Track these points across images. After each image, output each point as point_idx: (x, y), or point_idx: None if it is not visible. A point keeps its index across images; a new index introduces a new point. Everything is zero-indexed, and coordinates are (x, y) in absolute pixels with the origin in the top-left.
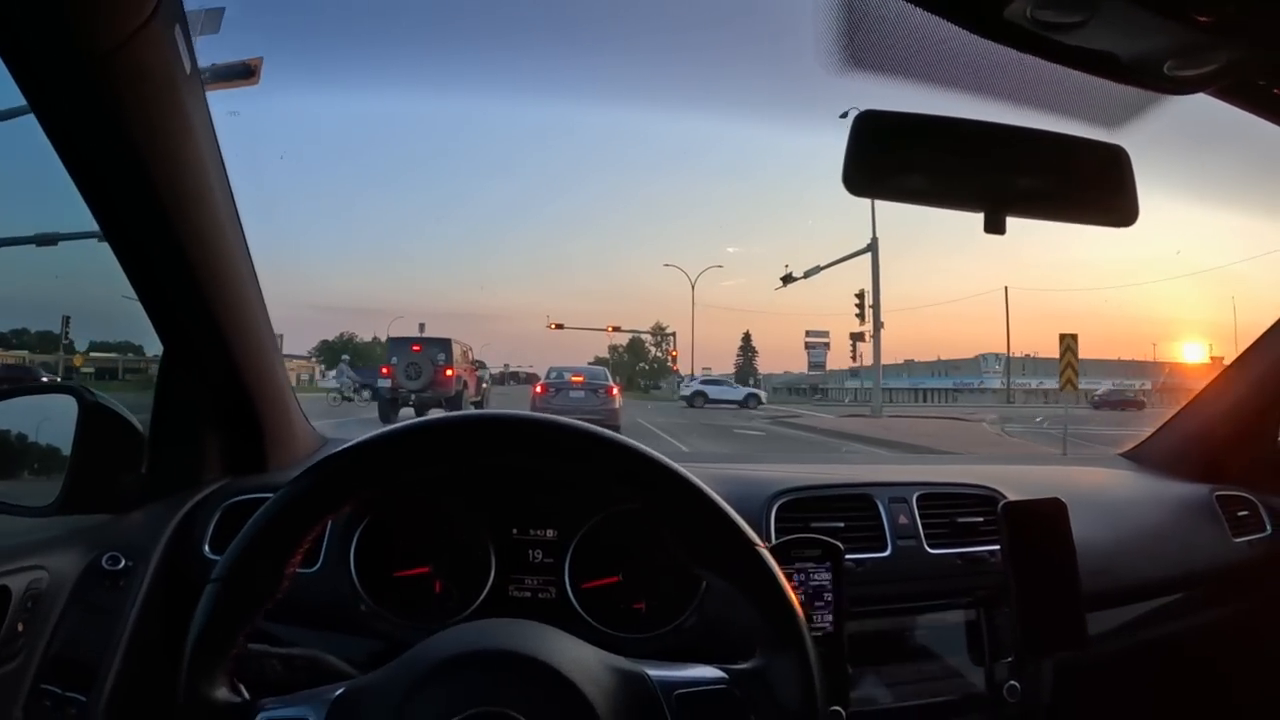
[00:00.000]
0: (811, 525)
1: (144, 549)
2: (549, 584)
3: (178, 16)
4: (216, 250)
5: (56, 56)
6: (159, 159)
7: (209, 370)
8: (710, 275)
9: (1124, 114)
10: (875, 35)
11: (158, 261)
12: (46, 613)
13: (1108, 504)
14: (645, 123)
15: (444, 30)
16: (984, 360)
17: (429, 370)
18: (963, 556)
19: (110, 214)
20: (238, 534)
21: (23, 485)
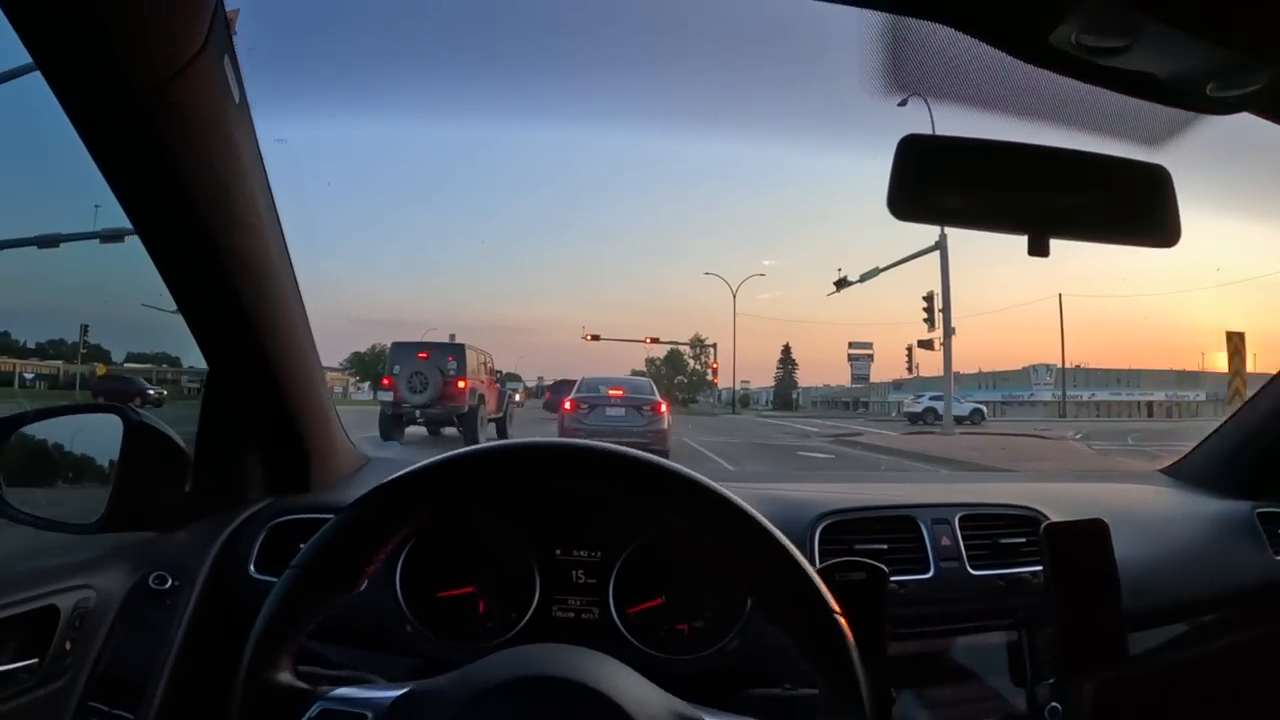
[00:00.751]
0: (855, 547)
1: (190, 569)
2: (592, 605)
3: (226, 48)
4: (263, 275)
5: (108, 90)
6: (208, 188)
7: (254, 391)
8: (748, 288)
9: (1165, 133)
10: (918, 60)
11: (206, 286)
12: (94, 631)
13: (1147, 522)
14: (683, 137)
15: (481, 53)
16: (1034, 371)
17: (436, 381)
18: (1005, 578)
19: (159, 240)
20: (319, 531)
21: (69, 503)
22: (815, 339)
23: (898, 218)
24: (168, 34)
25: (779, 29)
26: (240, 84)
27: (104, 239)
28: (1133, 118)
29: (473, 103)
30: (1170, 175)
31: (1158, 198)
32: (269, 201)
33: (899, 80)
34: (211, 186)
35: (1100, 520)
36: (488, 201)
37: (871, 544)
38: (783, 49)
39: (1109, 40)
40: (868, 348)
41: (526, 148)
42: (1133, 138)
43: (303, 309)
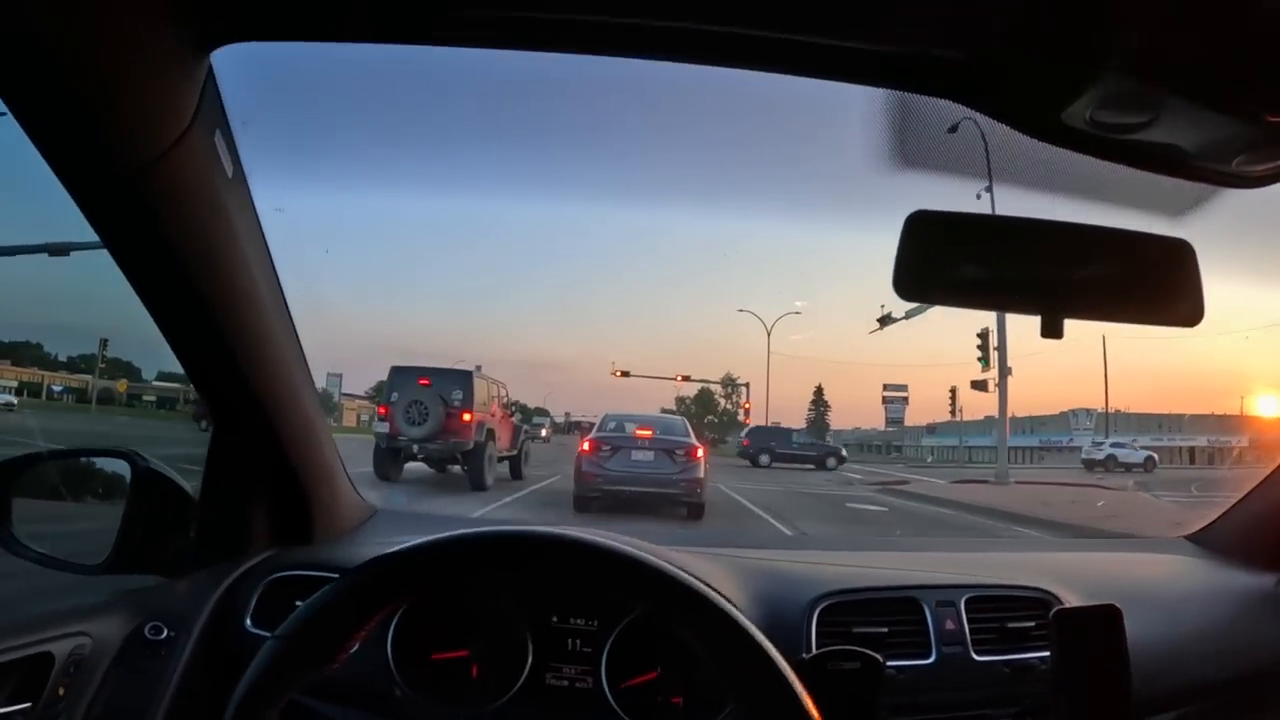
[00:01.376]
0: (854, 630)
1: (186, 620)
2: (586, 674)
3: (218, 123)
4: (263, 339)
5: (95, 171)
6: (203, 260)
7: (258, 445)
8: (780, 329)
9: (1189, 205)
10: (927, 137)
11: (204, 349)
12: (88, 679)
13: (1167, 599)
14: (715, 200)
15: (525, 107)
16: (1074, 416)
17: (438, 412)
18: (1011, 664)
19: (161, 307)
20: (306, 601)
21: (75, 543)
22: (847, 381)
23: (903, 297)
24: (153, 115)
25: (798, 105)
26: (234, 157)
27: (53, 253)
28: (1154, 190)
29: (502, 158)
30: (1194, 250)
31: (1180, 274)
32: (267, 268)
33: (909, 158)
34: (205, 258)
35: (1114, 606)
36: (521, 239)
37: (871, 627)
38: (799, 123)
39: (1126, 117)
40: (903, 390)
41: (560, 195)
42: (1154, 210)
43: (306, 368)
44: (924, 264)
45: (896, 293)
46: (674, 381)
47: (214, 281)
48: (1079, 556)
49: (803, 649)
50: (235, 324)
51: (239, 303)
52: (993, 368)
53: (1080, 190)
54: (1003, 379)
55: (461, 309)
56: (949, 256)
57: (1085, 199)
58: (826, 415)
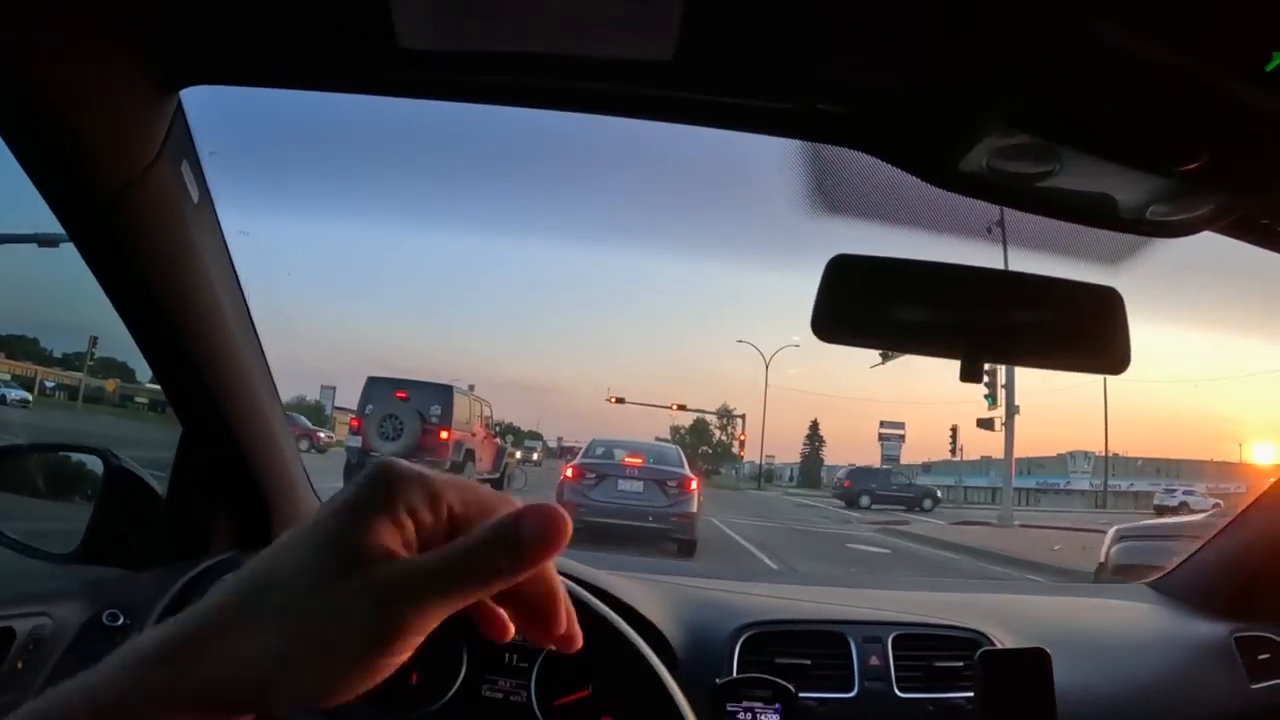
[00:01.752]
0: (776, 661)
1: (143, 611)
2: (521, 688)
3: (185, 152)
4: (228, 353)
5: (69, 197)
6: (170, 278)
7: (222, 450)
8: (776, 363)
9: (1119, 254)
10: (844, 184)
11: (176, 361)
12: (46, 657)
13: (1112, 646)
14: (702, 233)
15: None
16: (1071, 459)
17: (414, 428)
18: (935, 703)
19: (134, 322)
20: None
21: (48, 532)
22: (843, 416)
23: (822, 339)
24: (122, 145)
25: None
26: (202, 185)
27: (41, 244)
28: (1080, 239)
29: (495, 198)
30: (1121, 299)
31: (1107, 321)
32: (232, 287)
33: (830, 204)
34: (172, 277)
35: (1041, 650)
36: (525, 267)
37: (794, 659)
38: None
39: (1026, 167)
40: (899, 428)
41: (560, 226)
42: (1083, 258)
43: (270, 380)
44: (845, 307)
45: (816, 334)
46: (669, 410)
47: (181, 298)
48: (1028, 599)
49: (723, 676)
50: (200, 337)
51: (204, 318)
52: (1000, 405)
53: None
54: (1009, 418)
55: (461, 330)
56: (869, 299)
57: (1011, 246)
58: (821, 450)
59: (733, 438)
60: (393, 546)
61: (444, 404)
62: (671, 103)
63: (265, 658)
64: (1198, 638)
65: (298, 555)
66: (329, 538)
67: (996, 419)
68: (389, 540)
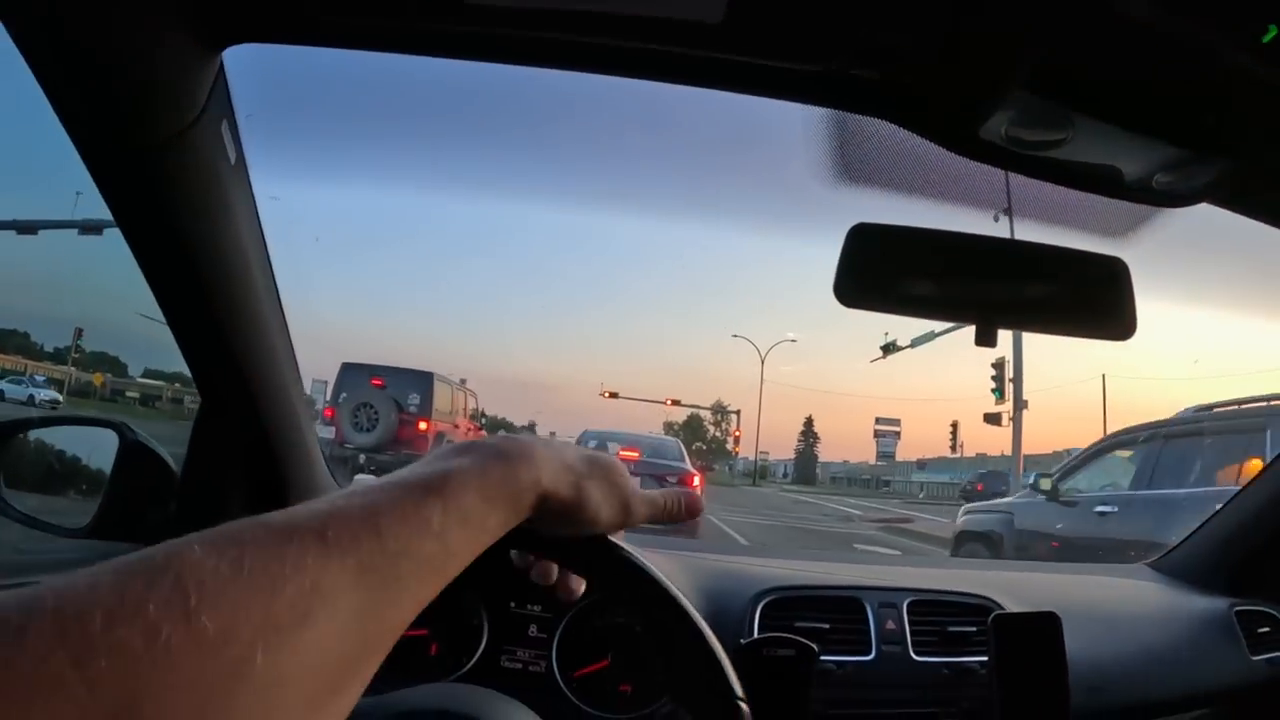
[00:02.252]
0: (795, 625)
1: None
2: (540, 658)
3: (225, 115)
4: (255, 322)
5: (109, 150)
6: (204, 242)
7: (241, 425)
8: (771, 359)
9: (1124, 225)
10: (864, 152)
11: (203, 331)
12: None
13: (1116, 617)
14: (706, 223)
15: (523, 132)
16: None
17: (390, 419)
18: (950, 666)
19: (161, 286)
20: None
21: (61, 507)
22: (838, 413)
23: (844, 304)
24: (166, 102)
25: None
26: (238, 147)
27: (83, 230)
28: (1088, 209)
29: (504, 176)
30: (1128, 268)
31: (1114, 291)
32: (262, 254)
33: (850, 173)
34: (207, 240)
35: (1053, 614)
36: (519, 258)
37: (813, 623)
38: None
39: (1041, 134)
40: (895, 424)
41: (557, 212)
42: (1090, 229)
43: (293, 355)
44: (865, 274)
45: (839, 299)
46: (663, 405)
47: (211, 259)
48: (1034, 575)
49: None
50: (229, 303)
51: (233, 282)
52: (1008, 400)
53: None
54: (1018, 412)
55: (455, 324)
56: (888, 267)
57: (1022, 217)
58: (815, 447)
59: (727, 434)
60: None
61: (423, 392)
62: (715, 66)
63: (570, 475)
64: (1199, 612)
65: (569, 451)
66: (591, 454)
67: (1004, 414)
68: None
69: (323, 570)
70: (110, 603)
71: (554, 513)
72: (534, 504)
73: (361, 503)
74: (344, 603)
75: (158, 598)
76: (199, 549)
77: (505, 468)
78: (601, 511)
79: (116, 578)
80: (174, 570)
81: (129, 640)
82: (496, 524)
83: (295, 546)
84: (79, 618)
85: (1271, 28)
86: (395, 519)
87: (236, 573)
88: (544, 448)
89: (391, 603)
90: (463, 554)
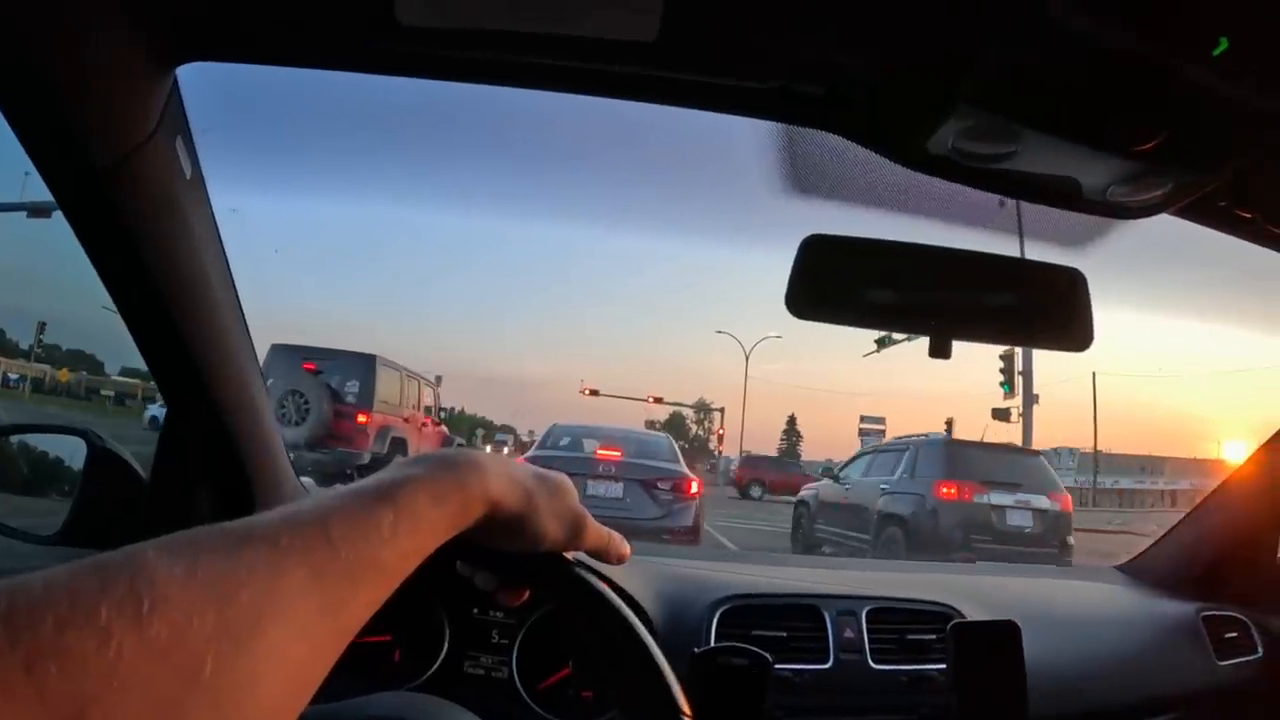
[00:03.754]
0: (753, 633)
1: None
2: (502, 664)
3: (180, 129)
4: (216, 331)
5: (66, 167)
6: (161, 253)
7: (208, 431)
8: (755, 359)
9: (1084, 235)
10: (818, 166)
11: (166, 341)
12: None
13: (1080, 622)
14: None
15: (495, 136)
16: (1055, 455)
17: (323, 410)
18: (908, 674)
19: (122, 298)
20: None
21: (29, 515)
22: (822, 411)
23: (796, 316)
24: (119, 120)
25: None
26: (194, 161)
27: (32, 213)
28: (1046, 220)
29: (476, 185)
30: (1085, 279)
31: (1071, 302)
32: (220, 265)
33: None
34: (163, 254)
35: (1012, 622)
36: (499, 257)
37: (771, 631)
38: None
39: (988, 148)
40: (879, 422)
41: (537, 215)
42: (1049, 239)
43: (256, 360)
44: (818, 285)
45: (790, 311)
46: (645, 402)
47: (170, 274)
48: (997, 579)
49: (701, 647)
50: (190, 314)
51: (193, 293)
52: (1016, 394)
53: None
54: (1027, 408)
55: (434, 324)
56: (842, 278)
57: (980, 228)
58: (799, 445)
59: (709, 432)
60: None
61: (364, 380)
62: (654, 83)
63: (519, 488)
64: (1166, 617)
65: (519, 467)
66: (541, 472)
67: (1014, 409)
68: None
69: (276, 576)
70: (63, 606)
71: (501, 525)
72: (482, 513)
73: (314, 509)
74: (297, 609)
75: (110, 601)
76: (153, 553)
77: (454, 476)
78: (549, 528)
79: (71, 580)
80: (128, 573)
81: (79, 645)
82: (445, 529)
83: (249, 552)
84: (30, 621)
85: (1222, 40)
86: (346, 525)
87: (190, 577)
88: (493, 461)
89: (343, 608)
90: (412, 560)
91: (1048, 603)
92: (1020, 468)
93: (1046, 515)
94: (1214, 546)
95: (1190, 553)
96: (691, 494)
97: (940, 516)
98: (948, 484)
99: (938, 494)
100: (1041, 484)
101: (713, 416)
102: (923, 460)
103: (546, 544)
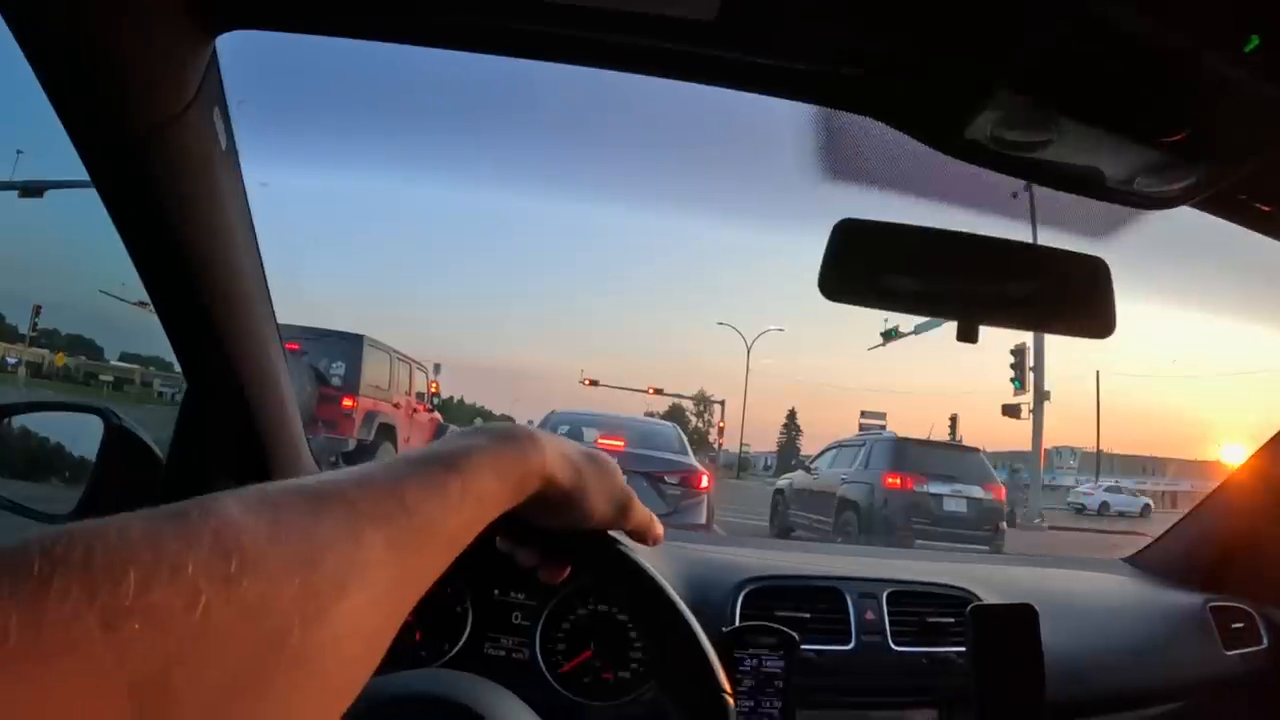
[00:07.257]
0: (776, 614)
1: None
2: (523, 645)
3: (217, 99)
4: (243, 307)
5: (102, 136)
6: (192, 228)
7: (229, 410)
8: (756, 352)
9: (1107, 225)
10: (852, 148)
11: (191, 315)
12: None
13: (1091, 611)
14: (690, 211)
15: (497, 119)
16: (1057, 454)
17: (307, 392)
18: (928, 656)
19: (149, 271)
20: None
21: (44, 493)
22: (823, 407)
23: (828, 298)
24: (158, 89)
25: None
26: (229, 133)
27: (23, 193)
28: (1071, 209)
29: (494, 165)
30: (1108, 268)
31: (1094, 290)
32: (250, 240)
33: (836, 169)
34: (195, 226)
35: (1029, 605)
36: (503, 247)
37: (794, 612)
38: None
39: (1026, 135)
40: (880, 418)
41: (538, 199)
42: (1073, 229)
43: (279, 341)
44: (849, 268)
45: (823, 293)
46: (645, 393)
47: (201, 244)
48: (1014, 570)
49: (727, 626)
50: (217, 288)
51: (222, 267)
52: (1027, 390)
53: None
54: (1038, 404)
55: (435, 313)
56: (873, 262)
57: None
58: (798, 440)
59: (709, 425)
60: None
61: (350, 361)
62: (706, 62)
63: (571, 465)
64: (1174, 607)
65: (570, 444)
66: (591, 451)
67: (1024, 406)
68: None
69: (357, 542)
70: (145, 558)
71: (551, 501)
72: (537, 488)
73: (385, 474)
74: (377, 576)
75: (197, 558)
76: (236, 509)
77: (516, 449)
78: (598, 506)
79: (149, 530)
80: (211, 529)
81: (166, 602)
82: (504, 501)
83: (328, 515)
84: (112, 575)
85: (1253, 38)
86: (421, 493)
87: (275, 539)
88: (548, 438)
89: (414, 576)
90: (473, 530)
91: (1059, 591)
92: (959, 463)
93: (980, 504)
94: (1221, 539)
95: (1197, 546)
96: (702, 488)
97: (888, 503)
98: (894, 475)
99: (885, 483)
100: (978, 476)
101: (713, 409)
102: (875, 454)
103: (594, 521)
